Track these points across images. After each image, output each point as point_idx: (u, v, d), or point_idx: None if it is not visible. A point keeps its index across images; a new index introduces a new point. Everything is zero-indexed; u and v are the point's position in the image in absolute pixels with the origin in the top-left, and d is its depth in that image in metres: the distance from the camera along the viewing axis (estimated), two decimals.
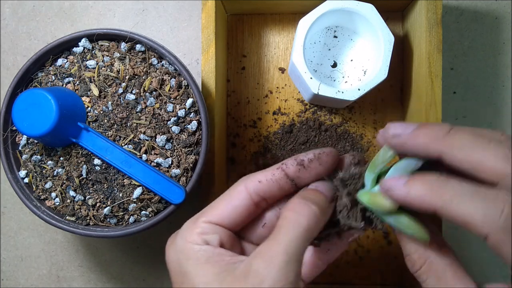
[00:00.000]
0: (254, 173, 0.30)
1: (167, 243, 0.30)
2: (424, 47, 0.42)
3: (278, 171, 0.29)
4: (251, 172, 0.30)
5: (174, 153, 0.38)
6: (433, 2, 0.41)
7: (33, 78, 0.40)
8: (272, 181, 0.29)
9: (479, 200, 0.22)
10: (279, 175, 0.29)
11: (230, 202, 0.29)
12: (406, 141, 0.26)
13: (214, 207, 0.29)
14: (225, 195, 0.30)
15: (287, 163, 0.29)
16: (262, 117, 0.49)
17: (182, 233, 0.29)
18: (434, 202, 0.24)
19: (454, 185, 0.23)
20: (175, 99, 0.39)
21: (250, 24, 0.49)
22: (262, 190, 0.29)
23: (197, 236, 0.28)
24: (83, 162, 0.38)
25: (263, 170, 0.30)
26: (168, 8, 0.51)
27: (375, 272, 0.48)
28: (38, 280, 0.52)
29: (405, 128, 0.26)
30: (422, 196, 0.24)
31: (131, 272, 0.51)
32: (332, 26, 0.47)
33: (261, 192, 0.29)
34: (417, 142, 0.25)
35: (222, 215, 0.29)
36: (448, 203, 0.23)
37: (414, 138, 0.25)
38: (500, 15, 0.49)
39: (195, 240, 0.28)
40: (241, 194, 0.29)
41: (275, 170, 0.29)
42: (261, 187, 0.29)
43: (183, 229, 0.29)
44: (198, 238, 0.28)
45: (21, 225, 0.52)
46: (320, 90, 0.42)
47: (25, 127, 0.35)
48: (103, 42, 0.40)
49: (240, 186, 0.29)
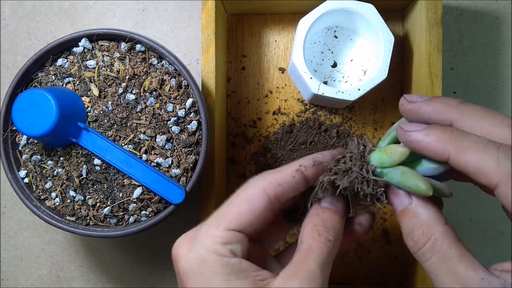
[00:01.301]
0: (269, 172, 0.29)
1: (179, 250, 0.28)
2: (424, 47, 0.42)
3: (298, 174, 0.28)
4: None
5: (174, 153, 0.38)
6: (433, 2, 0.41)
7: (33, 78, 0.40)
8: (292, 183, 0.28)
9: (493, 149, 0.23)
10: (299, 178, 0.28)
11: (250, 205, 0.27)
12: (421, 106, 0.27)
13: (233, 211, 0.28)
14: (241, 197, 0.28)
15: (306, 165, 0.28)
16: (262, 117, 0.49)
17: (203, 240, 0.27)
18: (449, 148, 0.24)
19: (471, 136, 0.24)
20: (175, 99, 0.39)
21: (250, 24, 0.49)
22: (281, 192, 0.28)
23: (221, 246, 0.26)
24: (83, 162, 0.38)
25: (280, 170, 0.29)
26: (168, 8, 0.51)
27: (375, 272, 0.48)
28: (38, 280, 0.52)
29: (420, 97, 0.27)
30: (439, 140, 0.24)
31: (131, 272, 0.51)
32: (332, 26, 0.47)
33: (280, 195, 0.28)
34: (431, 108, 0.26)
35: (243, 220, 0.27)
36: (463, 150, 0.24)
37: (429, 104, 0.27)
38: (500, 15, 0.49)
39: (220, 251, 0.26)
40: (260, 196, 0.28)
41: (294, 172, 0.28)
42: (280, 189, 0.28)
43: (202, 235, 0.27)
44: (223, 249, 0.26)
45: (21, 225, 0.52)
46: (320, 90, 0.42)
47: (25, 127, 0.35)
48: (103, 42, 0.40)
49: (258, 189, 0.28)
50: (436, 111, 0.26)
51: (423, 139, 0.25)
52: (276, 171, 0.29)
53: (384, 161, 0.27)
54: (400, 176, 0.27)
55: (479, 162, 0.23)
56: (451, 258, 0.25)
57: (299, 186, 0.29)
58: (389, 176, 0.27)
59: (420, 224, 0.26)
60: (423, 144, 0.25)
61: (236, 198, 0.28)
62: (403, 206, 0.27)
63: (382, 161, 0.28)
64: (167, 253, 0.28)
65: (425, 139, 0.25)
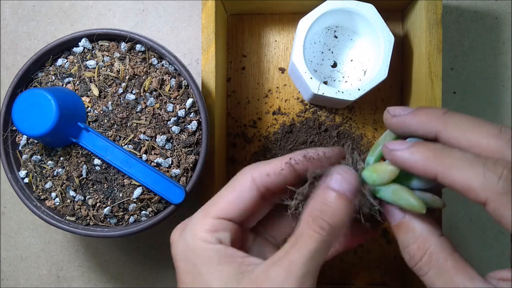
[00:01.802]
0: (260, 163, 0.29)
1: (173, 236, 0.29)
2: (424, 47, 0.42)
3: (287, 166, 0.29)
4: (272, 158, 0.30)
5: (174, 153, 0.38)
6: (433, 2, 0.41)
7: (33, 78, 0.40)
8: (280, 175, 0.28)
9: (479, 166, 0.23)
10: (288, 170, 0.29)
11: (239, 194, 0.28)
12: (405, 120, 0.27)
13: (222, 200, 0.29)
14: (231, 186, 0.29)
15: (296, 158, 0.29)
16: (262, 117, 0.49)
17: (192, 228, 0.28)
18: (435, 167, 0.24)
19: (456, 153, 0.24)
20: (175, 99, 0.39)
21: (250, 24, 0.49)
22: (270, 183, 0.28)
23: (208, 233, 0.27)
24: (83, 162, 0.38)
25: (269, 162, 0.29)
26: (168, 8, 0.51)
27: (375, 272, 0.48)
28: (38, 280, 0.52)
29: (404, 110, 0.27)
30: (424, 159, 0.24)
31: (131, 272, 0.51)
32: (332, 26, 0.47)
33: (268, 185, 0.28)
34: (416, 120, 0.26)
35: (232, 209, 0.28)
36: (449, 168, 0.23)
37: (413, 117, 0.27)
38: (500, 15, 0.49)
39: (206, 238, 0.27)
40: (249, 185, 0.28)
41: (283, 164, 0.29)
42: (269, 180, 0.28)
43: (192, 223, 0.29)
44: (209, 236, 0.27)
45: (21, 225, 0.52)
46: (320, 90, 0.42)
47: (25, 127, 0.35)
48: (103, 42, 0.40)
49: (247, 178, 0.29)
50: (421, 124, 0.26)
51: (408, 158, 0.25)
52: (267, 162, 0.29)
53: (375, 180, 0.27)
54: (392, 195, 0.27)
55: (465, 180, 0.23)
56: (448, 270, 0.25)
57: (288, 178, 0.29)
58: (382, 194, 0.28)
59: (415, 238, 0.26)
60: (409, 163, 0.25)
61: (227, 188, 0.29)
62: (397, 220, 0.27)
63: (373, 179, 0.28)
64: (167, 253, 0.29)
65: (410, 158, 0.25)
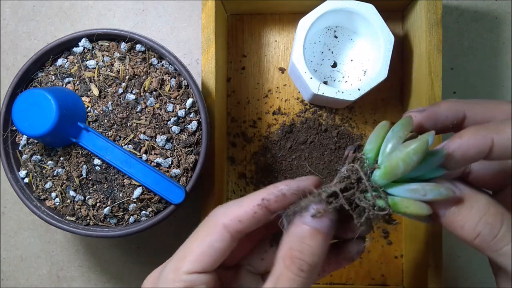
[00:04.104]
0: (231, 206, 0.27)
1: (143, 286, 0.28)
2: (424, 47, 0.42)
3: (260, 209, 0.26)
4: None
5: (174, 153, 0.38)
6: (433, 2, 0.41)
7: (33, 78, 0.40)
8: (253, 218, 0.26)
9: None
10: (261, 213, 0.26)
11: (209, 245, 0.26)
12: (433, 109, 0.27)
13: (193, 252, 0.27)
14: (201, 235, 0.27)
15: (269, 198, 0.26)
16: (262, 117, 0.49)
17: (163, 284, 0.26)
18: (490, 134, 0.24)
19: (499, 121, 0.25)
20: (175, 99, 0.39)
21: (250, 24, 0.49)
22: (243, 228, 0.27)
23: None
24: (83, 162, 0.38)
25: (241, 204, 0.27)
26: (168, 8, 0.51)
27: (375, 272, 0.48)
28: (38, 280, 0.52)
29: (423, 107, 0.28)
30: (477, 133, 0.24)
31: (131, 272, 0.51)
32: (332, 26, 0.47)
33: (242, 230, 0.27)
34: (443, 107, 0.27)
35: (204, 261, 0.26)
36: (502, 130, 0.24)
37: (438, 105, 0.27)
38: (500, 15, 0.49)
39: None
40: (221, 235, 0.26)
41: (256, 206, 0.26)
42: (241, 226, 0.26)
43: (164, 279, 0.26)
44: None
45: (21, 225, 0.52)
46: (320, 90, 0.42)
47: (25, 127, 0.35)
48: (103, 42, 0.40)
49: (218, 226, 0.26)
50: (449, 107, 0.27)
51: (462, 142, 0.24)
52: (239, 204, 0.27)
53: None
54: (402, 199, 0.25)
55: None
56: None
57: (262, 221, 0.27)
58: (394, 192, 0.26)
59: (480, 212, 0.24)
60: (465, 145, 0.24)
61: (197, 236, 0.27)
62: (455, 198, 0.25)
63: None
64: (167, 253, 0.29)
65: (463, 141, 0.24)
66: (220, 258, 0.27)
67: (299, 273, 0.24)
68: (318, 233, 0.25)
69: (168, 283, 0.26)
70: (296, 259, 0.24)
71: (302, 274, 0.24)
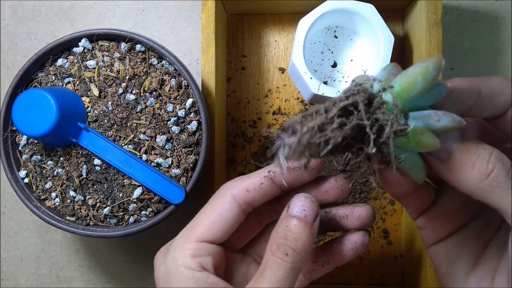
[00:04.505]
0: (239, 179, 0.29)
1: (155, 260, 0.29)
2: (424, 47, 0.42)
3: (266, 180, 0.28)
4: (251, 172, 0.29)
5: (174, 153, 0.38)
6: (433, 2, 0.41)
7: (33, 78, 0.40)
8: (260, 189, 0.28)
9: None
10: (268, 184, 0.28)
11: (220, 214, 0.28)
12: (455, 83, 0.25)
13: (204, 221, 0.28)
14: (211, 205, 0.28)
15: (275, 170, 0.28)
16: (262, 117, 0.49)
17: (173, 253, 0.27)
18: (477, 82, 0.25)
19: None
20: (175, 99, 0.39)
21: (250, 24, 0.49)
22: (251, 199, 0.28)
23: (190, 258, 0.27)
24: (83, 162, 0.38)
25: (249, 176, 0.29)
26: (168, 8, 0.51)
27: (375, 272, 0.48)
28: (38, 280, 0.52)
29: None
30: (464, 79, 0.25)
31: (131, 272, 0.51)
32: (332, 26, 0.47)
33: (250, 201, 0.28)
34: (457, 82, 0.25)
35: (214, 230, 0.27)
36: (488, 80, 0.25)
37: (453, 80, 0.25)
38: (500, 15, 0.49)
39: (188, 264, 0.27)
40: (230, 204, 0.28)
41: (262, 178, 0.28)
42: (249, 196, 0.28)
43: (174, 248, 0.28)
44: (191, 262, 0.27)
45: (21, 225, 0.52)
46: (320, 90, 0.42)
47: (25, 127, 0.35)
48: (103, 42, 0.40)
49: (227, 196, 0.28)
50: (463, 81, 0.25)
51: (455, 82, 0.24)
52: (246, 176, 0.29)
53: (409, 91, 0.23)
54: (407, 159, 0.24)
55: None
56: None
57: (269, 192, 0.28)
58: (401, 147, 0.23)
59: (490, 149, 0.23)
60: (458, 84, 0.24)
61: (207, 208, 0.28)
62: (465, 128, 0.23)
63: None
64: None
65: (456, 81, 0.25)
66: (229, 228, 0.28)
67: (284, 257, 0.25)
68: (301, 221, 0.26)
69: (179, 250, 0.27)
70: (281, 245, 0.26)
71: (287, 259, 0.25)
